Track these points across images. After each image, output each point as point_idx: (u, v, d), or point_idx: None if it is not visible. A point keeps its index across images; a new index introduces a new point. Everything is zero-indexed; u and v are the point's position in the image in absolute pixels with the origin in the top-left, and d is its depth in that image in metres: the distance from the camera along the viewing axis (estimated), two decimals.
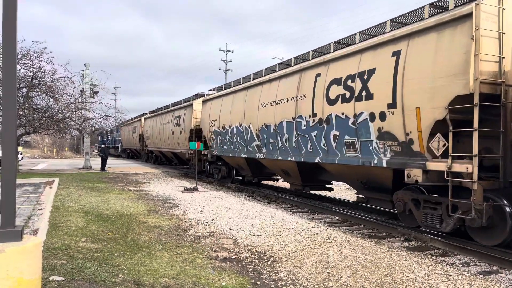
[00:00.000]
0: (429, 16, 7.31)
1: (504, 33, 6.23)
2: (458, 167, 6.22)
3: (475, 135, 5.96)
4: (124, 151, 44.93)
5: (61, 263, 5.26)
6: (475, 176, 5.99)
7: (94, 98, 25.49)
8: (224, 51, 49.98)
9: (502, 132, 6.15)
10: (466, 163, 6.15)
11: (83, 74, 25.69)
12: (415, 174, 6.92)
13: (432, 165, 6.68)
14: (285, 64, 12.10)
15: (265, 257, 6.00)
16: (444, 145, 6.60)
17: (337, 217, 9.45)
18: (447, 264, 5.84)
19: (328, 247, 6.62)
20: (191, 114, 19.59)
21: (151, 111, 30.99)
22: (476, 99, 5.92)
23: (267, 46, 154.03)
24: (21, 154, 32.11)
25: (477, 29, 5.99)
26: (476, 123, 5.94)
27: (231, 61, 56.29)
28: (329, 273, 5.29)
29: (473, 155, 5.98)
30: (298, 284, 4.87)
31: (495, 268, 5.70)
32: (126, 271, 5.11)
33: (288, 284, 4.88)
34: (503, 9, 6.23)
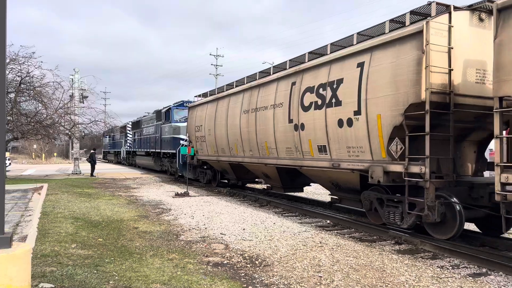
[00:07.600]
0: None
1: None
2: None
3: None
4: (195, 168, 18.06)
5: (51, 270, 5.20)
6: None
7: (83, 103, 25.33)
8: (214, 56, 50.06)
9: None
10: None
11: (72, 79, 25.50)
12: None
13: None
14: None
15: (257, 262, 5.99)
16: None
17: (328, 221, 9.47)
18: (437, 266, 5.89)
19: (319, 251, 6.64)
20: None
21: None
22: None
23: (263, 50, 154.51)
24: (8, 159, 31.69)
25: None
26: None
27: (221, 65, 56.31)
28: (321, 277, 5.30)
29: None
30: None
31: (484, 270, 5.76)
32: (117, 277, 5.06)
33: None
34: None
